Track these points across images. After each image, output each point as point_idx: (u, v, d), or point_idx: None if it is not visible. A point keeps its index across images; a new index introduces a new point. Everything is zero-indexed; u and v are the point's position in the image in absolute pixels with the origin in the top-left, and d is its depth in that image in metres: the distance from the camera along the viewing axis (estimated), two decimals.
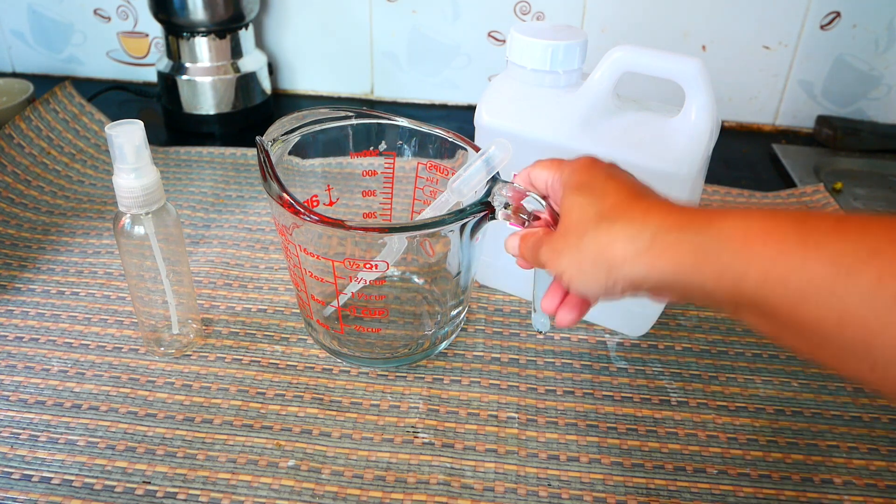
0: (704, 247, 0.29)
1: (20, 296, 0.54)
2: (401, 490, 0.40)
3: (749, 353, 0.51)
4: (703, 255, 0.29)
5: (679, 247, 0.29)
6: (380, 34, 0.87)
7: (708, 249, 0.29)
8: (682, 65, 0.44)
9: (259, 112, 0.85)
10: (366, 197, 0.52)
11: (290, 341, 0.51)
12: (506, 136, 0.49)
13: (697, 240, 0.29)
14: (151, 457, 0.42)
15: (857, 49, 0.80)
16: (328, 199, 0.51)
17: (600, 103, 0.46)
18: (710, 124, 0.45)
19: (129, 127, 0.41)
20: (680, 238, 0.29)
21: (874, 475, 0.42)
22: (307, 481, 0.41)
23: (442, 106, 0.91)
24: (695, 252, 0.29)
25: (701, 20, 0.81)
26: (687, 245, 0.29)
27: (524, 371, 0.49)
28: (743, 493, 0.41)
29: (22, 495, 0.39)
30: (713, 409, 0.46)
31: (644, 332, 0.52)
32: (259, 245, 0.61)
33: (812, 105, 0.85)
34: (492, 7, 0.84)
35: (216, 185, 0.70)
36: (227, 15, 0.78)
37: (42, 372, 0.47)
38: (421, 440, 0.43)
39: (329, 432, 0.44)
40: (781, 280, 0.26)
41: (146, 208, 0.43)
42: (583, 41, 0.48)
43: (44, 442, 0.43)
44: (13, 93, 0.78)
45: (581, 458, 0.43)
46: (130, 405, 0.45)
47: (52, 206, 0.66)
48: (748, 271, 0.27)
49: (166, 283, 0.46)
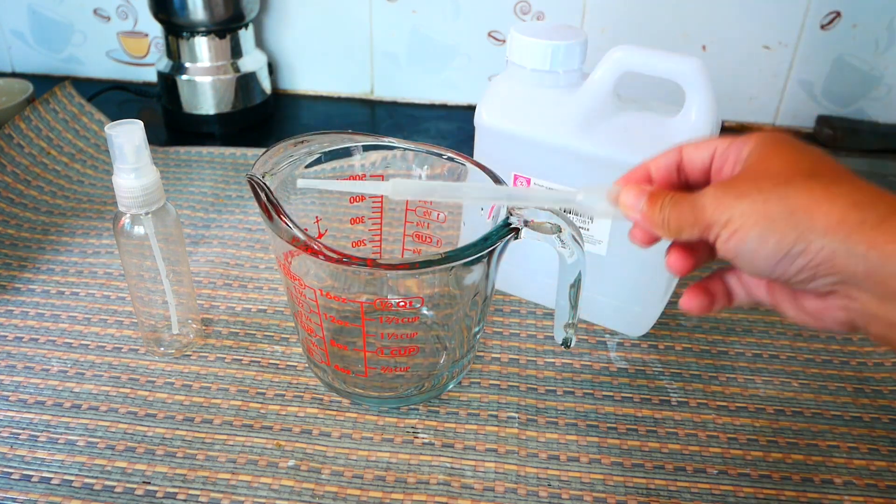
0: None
1: (20, 296, 0.54)
2: (401, 490, 0.40)
3: (749, 353, 0.51)
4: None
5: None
6: (380, 34, 0.87)
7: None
8: (681, 65, 0.44)
9: (259, 112, 0.85)
10: (354, 225, 0.50)
11: (290, 341, 0.51)
12: (506, 136, 0.50)
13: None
14: (151, 457, 0.42)
15: (857, 49, 0.80)
16: (317, 232, 0.48)
17: (600, 103, 0.46)
18: (710, 124, 0.45)
19: (129, 127, 0.41)
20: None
21: (874, 475, 0.42)
22: (307, 481, 0.41)
23: (442, 106, 0.91)
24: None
25: (701, 20, 0.81)
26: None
27: (524, 371, 0.49)
28: (743, 494, 0.41)
29: (22, 495, 0.39)
30: (713, 410, 0.46)
31: (644, 332, 0.52)
32: (259, 245, 0.61)
33: (812, 105, 0.85)
34: (492, 7, 0.84)
35: (216, 185, 0.70)
36: (227, 15, 0.78)
37: (42, 372, 0.47)
38: (421, 440, 0.43)
39: (329, 432, 0.44)
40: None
41: (146, 208, 0.43)
42: (583, 41, 0.48)
43: (43, 442, 0.42)
44: (13, 93, 0.78)
45: (581, 458, 0.43)
46: (130, 405, 0.45)
47: (52, 206, 0.65)
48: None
49: (166, 283, 0.46)
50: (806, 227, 0.26)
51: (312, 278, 0.41)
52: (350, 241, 0.50)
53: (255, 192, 0.40)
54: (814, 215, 0.26)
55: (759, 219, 0.27)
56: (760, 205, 0.27)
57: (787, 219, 0.26)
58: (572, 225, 0.40)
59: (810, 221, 0.26)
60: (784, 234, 0.26)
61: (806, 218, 0.26)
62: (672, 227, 0.30)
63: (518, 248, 0.42)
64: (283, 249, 0.40)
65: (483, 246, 0.38)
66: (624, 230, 0.48)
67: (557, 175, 0.49)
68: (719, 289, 0.34)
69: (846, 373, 0.49)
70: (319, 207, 0.48)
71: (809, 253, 0.26)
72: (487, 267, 0.42)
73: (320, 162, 0.46)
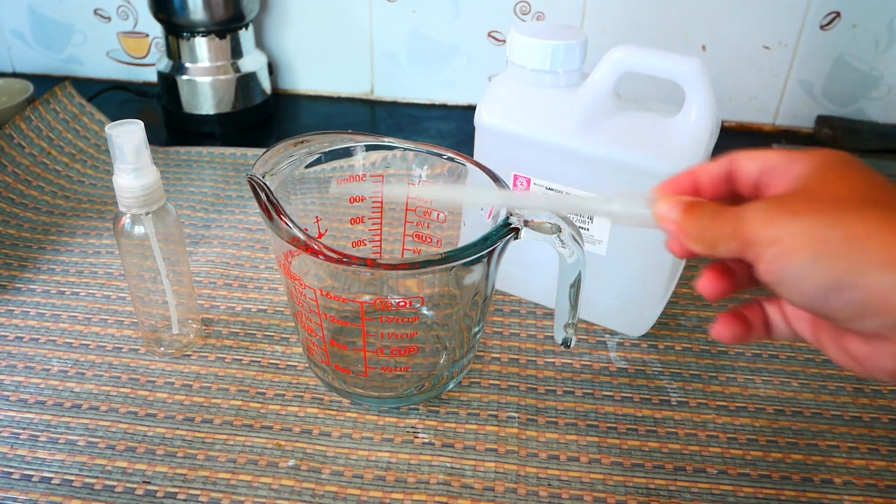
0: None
1: (20, 296, 0.54)
2: (401, 490, 0.40)
3: (749, 353, 0.51)
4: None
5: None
6: (380, 34, 0.87)
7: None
8: (681, 65, 0.44)
9: (259, 112, 0.85)
10: (354, 225, 0.49)
11: (290, 341, 0.51)
12: (506, 136, 0.50)
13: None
14: (151, 457, 0.42)
15: (857, 49, 0.80)
16: (317, 232, 0.48)
17: (600, 103, 0.46)
18: (710, 124, 0.45)
19: (129, 127, 0.41)
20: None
21: (874, 475, 0.42)
22: (307, 481, 0.41)
23: (442, 106, 0.91)
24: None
25: (701, 20, 0.81)
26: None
27: (524, 371, 0.49)
28: (743, 493, 0.41)
29: (22, 495, 0.39)
30: (713, 409, 0.46)
31: (644, 332, 0.52)
32: (259, 245, 0.61)
33: (812, 105, 0.85)
34: (492, 7, 0.84)
35: (216, 185, 0.70)
36: (227, 15, 0.78)
37: (42, 372, 0.47)
38: (421, 440, 0.43)
39: (329, 432, 0.44)
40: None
41: (146, 208, 0.43)
42: (583, 41, 0.48)
43: (44, 442, 0.43)
44: (13, 93, 0.78)
45: (581, 457, 0.43)
46: (130, 405, 0.45)
47: (52, 206, 0.66)
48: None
49: (166, 283, 0.46)
50: (861, 258, 0.24)
51: (312, 278, 0.41)
52: (350, 241, 0.50)
53: (255, 192, 0.40)
54: (871, 246, 0.23)
55: (811, 242, 0.24)
56: (815, 227, 0.24)
57: (842, 246, 0.24)
58: (572, 225, 0.40)
59: (866, 252, 0.23)
60: (836, 262, 0.24)
61: (862, 248, 0.24)
62: (707, 240, 0.28)
63: (518, 248, 0.42)
64: (283, 249, 0.40)
65: (483, 246, 0.38)
66: (624, 230, 0.48)
67: (557, 175, 0.49)
68: (757, 318, 0.31)
69: (846, 373, 0.49)
70: (319, 207, 0.48)
71: (861, 287, 0.24)
72: (487, 267, 0.42)
73: (320, 162, 0.46)
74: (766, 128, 0.86)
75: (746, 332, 0.30)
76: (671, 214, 0.29)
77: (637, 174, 0.45)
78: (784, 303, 0.30)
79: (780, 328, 0.31)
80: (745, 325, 0.31)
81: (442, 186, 0.42)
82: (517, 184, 0.50)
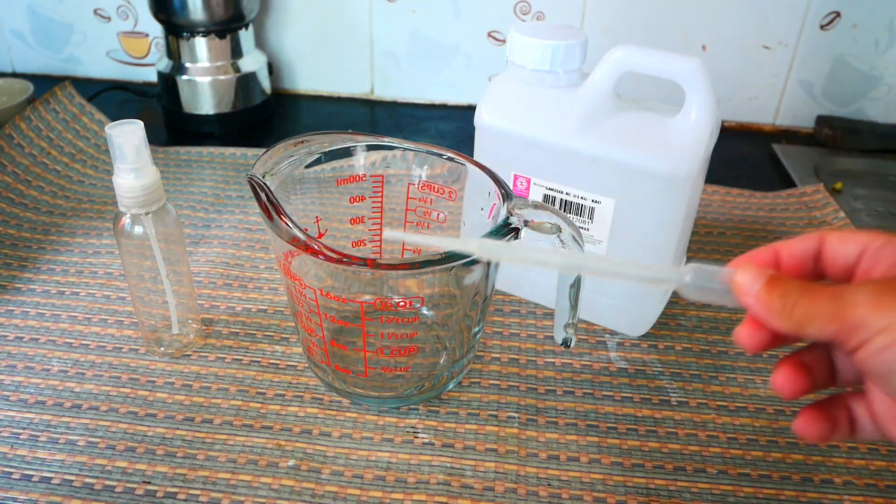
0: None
1: (20, 296, 0.54)
2: (401, 490, 0.40)
3: (749, 354, 0.51)
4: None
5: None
6: (380, 34, 0.87)
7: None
8: (681, 65, 0.44)
9: (259, 112, 0.85)
10: (354, 225, 0.49)
11: (290, 341, 0.51)
12: (506, 136, 0.50)
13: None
14: (151, 457, 0.42)
15: (857, 49, 0.81)
16: (317, 232, 0.48)
17: (600, 103, 0.46)
18: (710, 124, 0.45)
19: (129, 127, 0.41)
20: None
21: (874, 475, 0.42)
22: (307, 481, 0.41)
23: (442, 106, 0.91)
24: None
25: (701, 20, 0.81)
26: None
27: (524, 371, 0.49)
28: (743, 493, 0.41)
29: (22, 495, 0.39)
30: (713, 409, 0.46)
31: (644, 332, 0.52)
32: (259, 245, 0.61)
33: (812, 105, 0.85)
34: (492, 7, 0.84)
35: (216, 185, 0.70)
36: (226, 15, 0.78)
37: (42, 372, 0.47)
38: (421, 440, 0.43)
39: (329, 432, 0.44)
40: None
41: (146, 208, 0.43)
42: (583, 41, 0.48)
43: (44, 442, 0.43)
44: (13, 93, 0.78)
45: (581, 457, 0.43)
46: (130, 405, 0.45)
47: (52, 206, 0.66)
48: None
49: (166, 283, 0.46)
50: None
51: (312, 278, 0.41)
52: (350, 241, 0.50)
53: (255, 192, 0.40)
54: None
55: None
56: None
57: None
58: (572, 225, 0.40)
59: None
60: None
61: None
62: (795, 317, 0.25)
63: None
64: (283, 249, 0.40)
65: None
66: (624, 230, 0.48)
67: (557, 175, 0.49)
68: (843, 416, 0.29)
69: None
70: (319, 207, 0.48)
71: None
72: (487, 267, 0.42)
73: (320, 162, 0.46)
74: (766, 128, 0.86)
75: (831, 431, 0.28)
76: (754, 287, 0.26)
77: (637, 174, 0.45)
78: (874, 401, 0.28)
79: (866, 429, 0.29)
80: (830, 423, 0.28)
81: (503, 245, 0.37)
82: (517, 184, 0.51)
